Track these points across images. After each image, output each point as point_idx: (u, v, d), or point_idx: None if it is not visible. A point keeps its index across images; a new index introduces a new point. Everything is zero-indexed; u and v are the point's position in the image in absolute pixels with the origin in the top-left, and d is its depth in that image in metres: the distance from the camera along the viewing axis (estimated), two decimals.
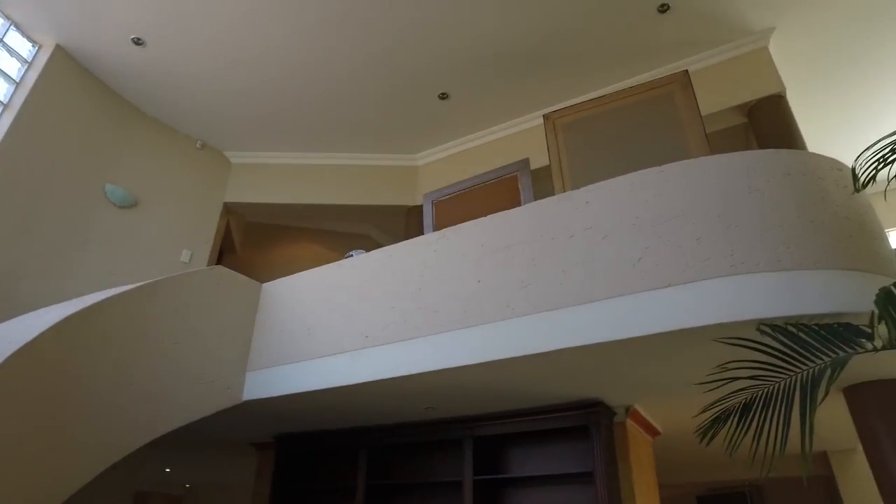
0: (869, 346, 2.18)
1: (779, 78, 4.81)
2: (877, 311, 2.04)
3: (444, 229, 3.63)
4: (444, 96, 5.66)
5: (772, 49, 4.97)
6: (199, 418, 3.60)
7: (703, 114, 3.96)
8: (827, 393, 2.06)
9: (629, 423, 4.11)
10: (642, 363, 3.11)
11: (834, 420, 4.61)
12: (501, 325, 3.06)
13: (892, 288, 2.06)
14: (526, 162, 4.33)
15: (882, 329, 2.08)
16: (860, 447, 5.51)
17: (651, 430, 4.58)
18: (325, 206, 6.52)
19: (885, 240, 2.89)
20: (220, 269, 4.25)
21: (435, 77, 5.40)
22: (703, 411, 2.42)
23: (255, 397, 3.92)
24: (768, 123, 4.74)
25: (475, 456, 4.17)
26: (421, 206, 5.59)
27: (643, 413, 4.24)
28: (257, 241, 7.61)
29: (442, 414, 4.25)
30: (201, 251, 5.94)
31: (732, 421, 2.40)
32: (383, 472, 4.74)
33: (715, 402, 2.39)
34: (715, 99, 4.90)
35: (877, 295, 2.07)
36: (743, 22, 4.87)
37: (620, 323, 2.72)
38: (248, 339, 4.17)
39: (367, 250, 4.24)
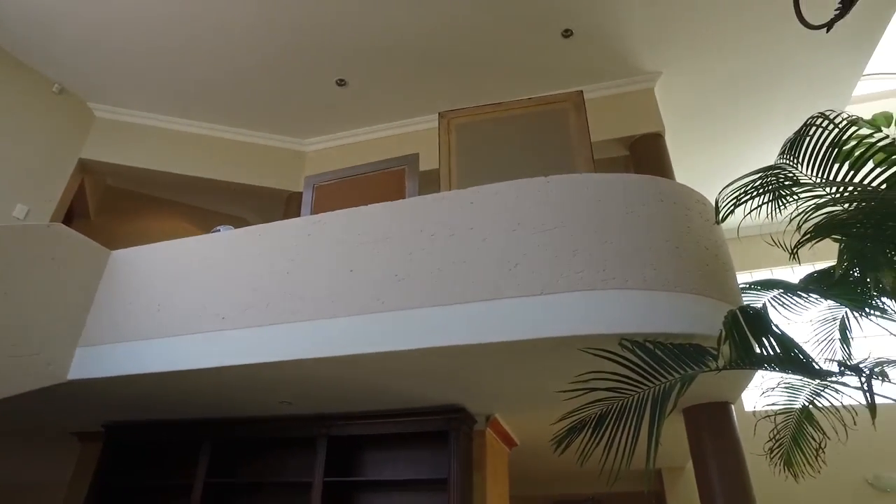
0: (714, 365, 2.31)
1: (660, 118, 5.15)
2: (724, 332, 2.16)
3: (322, 214, 3.43)
4: (341, 83, 5.45)
5: (657, 91, 5.32)
6: (3, 398, 3.07)
7: (580, 150, 4.13)
8: (673, 408, 2.14)
9: (488, 432, 4.12)
10: (509, 370, 3.10)
11: (672, 439, 4.95)
12: (370, 319, 2.92)
13: (738, 312, 2.20)
14: (415, 157, 4.26)
15: (726, 350, 2.21)
16: (689, 465, 6.00)
17: (508, 441, 4.64)
18: (199, 180, 5.98)
19: (733, 273, 3.13)
20: (59, 227, 3.71)
21: (335, 61, 5.17)
22: (560, 420, 2.43)
23: (84, 377, 3.43)
24: (646, 158, 5.06)
25: (329, 456, 3.96)
26: (301, 193, 5.30)
27: (503, 423, 4.28)
28: (117, 208, 6.83)
29: (297, 410, 4.00)
30: (42, 209, 5.19)
31: (587, 431, 2.43)
32: (227, 469, 4.36)
33: (572, 412, 2.41)
34: (602, 128, 5.14)
35: (725, 316, 2.20)
36: (635, 62, 5.17)
37: (493, 326, 2.69)
38: (85, 309, 3.66)
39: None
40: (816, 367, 2.33)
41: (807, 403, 3.45)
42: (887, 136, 2.41)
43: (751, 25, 4.72)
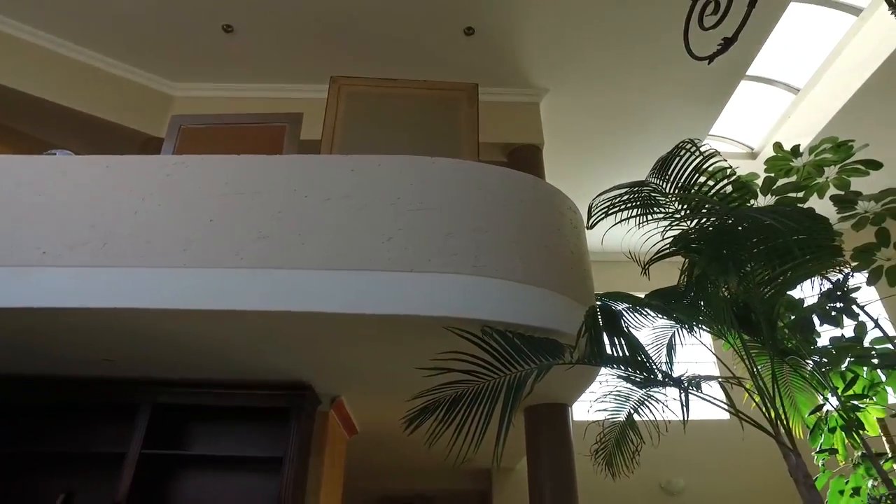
0: (568, 358, 2.41)
1: (541, 132, 5.40)
2: (584, 326, 2.26)
3: (187, 155, 3.09)
4: (228, 29, 5.00)
5: (542, 106, 5.57)
6: None
7: (468, 144, 4.19)
8: (530, 392, 2.19)
9: (332, 414, 3.97)
10: (366, 347, 3.01)
11: (508, 439, 5.17)
12: (226, 274, 2.67)
13: (598, 309, 2.32)
14: (299, 117, 4.02)
15: (582, 344, 2.32)
16: (517, 466, 6.31)
17: (350, 427, 4.52)
18: (42, 103, 5.13)
19: (592, 282, 3.33)
20: None
21: (225, 1, 4.74)
22: (416, 398, 2.38)
23: None
24: (523, 167, 5.22)
25: (151, 427, 3.53)
26: (163, 140, 4.76)
27: (347, 407, 4.16)
28: None
29: (120, 371, 3.55)
30: None
31: (440, 413, 2.41)
32: (24, 437, 3.72)
33: (428, 390, 2.38)
34: (485, 130, 5.24)
35: (587, 311, 2.31)
36: (527, 74, 5.37)
37: (358, 297, 2.59)
38: None
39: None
40: (656, 369, 2.53)
41: (632, 411, 3.76)
42: (735, 172, 2.71)
43: (634, 62, 5.13)
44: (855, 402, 3.40)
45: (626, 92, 5.42)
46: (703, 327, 3.25)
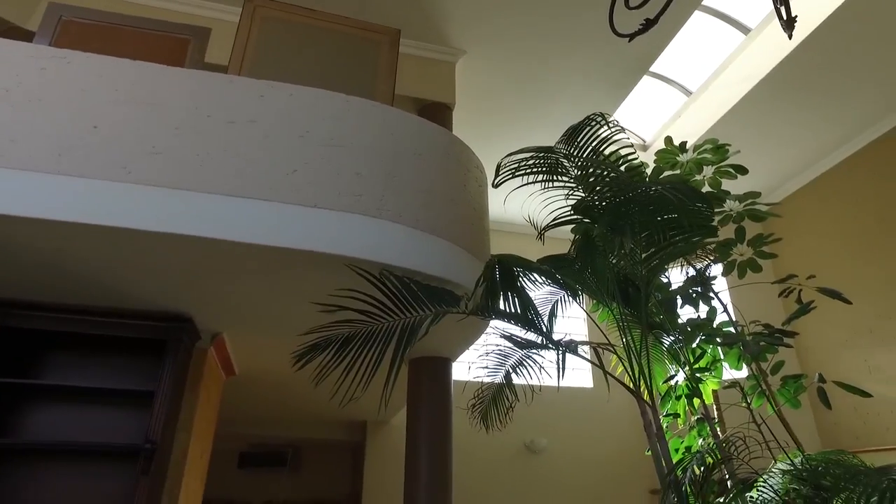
0: (463, 307, 2.48)
1: (453, 92, 5.40)
2: (482, 276, 2.33)
3: (70, 50, 2.74)
4: None
5: (457, 66, 5.57)
6: None
7: (384, 90, 4.10)
8: (425, 333, 2.23)
9: (211, 352, 3.81)
10: (258, 281, 2.89)
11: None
12: (109, 187, 2.43)
13: (498, 261, 2.41)
14: (206, 32, 3.70)
15: (478, 294, 2.39)
16: (393, 420, 6.46)
17: (228, 368, 4.37)
18: None
19: (489, 240, 3.43)
20: None
21: None
22: (308, 333, 2.34)
23: None
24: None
25: None
26: (30, 35, 4.15)
27: (228, 346, 4.00)
28: None
29: None
30: None
31: (331, 351, 2.39)
32: None
33: (321, 327, 2.34)
34: (399, 82, 5.17)
35: (486, 263, 2.38)
36: (446, 33, 5.33)
37: (256, 226, 2.48)
38: None
39: None
40: (544, 327, 2.67)
41: (510, 370, 3.97)
42: (636, 152, 2.89)
43: (553, 35, 5.25)
44: (699, 375, 3.81)
45: (541, 64, 5.55)
46: (587, 294, 3.48)
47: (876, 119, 6.33)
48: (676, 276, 3.98)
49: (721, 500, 3.10)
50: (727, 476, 2.95)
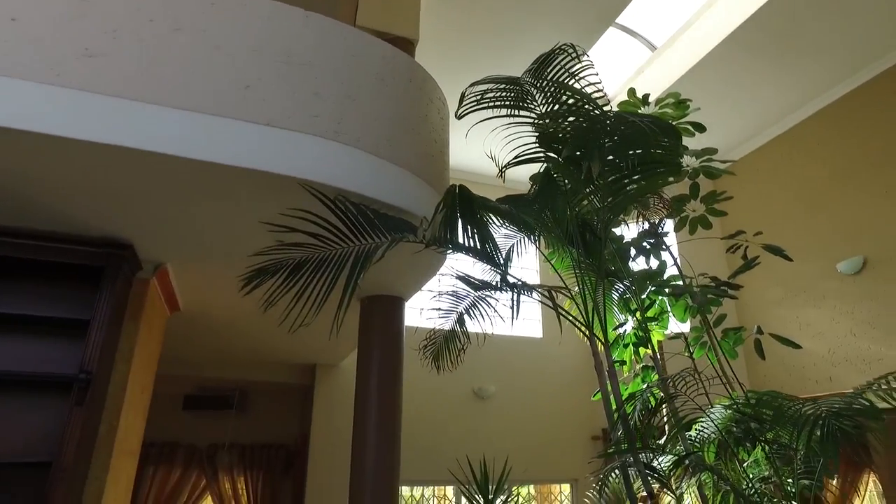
0: (421, 237, 2.41)
1: (417, 28, 5.18)
2: (442, 203, 2.26)
3: None
4: None
5: (423, 4, 5.34)
6: None
7: (344, 19, 3.90)
8: (381, 258, 2.16)
9: (154, 283, 3.63)
10: (203, 205, 2.72)
11: (341, 335, 5.18)
12: (33, 89, 2.19)
13: (459, 189, 2.34)
14: None
15: (437, 222, 2.33)
16: (343, 363, 6.43)
17: (172, 303, 4.19)
18: None
19: (448, 174, 3.35)
20: None
21: None
22: (258, 254, 2.23)
23: None
24: None
25: None
26: None
27: (172, 278, 3.82)
28: None
29: None
30: None
31: (281, 275, 2.29)
32: None
33: (271, 248, 2.23)
34: (362, 12, 4.93)
35: (447, 190, 2.31)
36: None
37: (203, 143, 2.31)
38: None
39: None
40: (501, 262, 2.64)
41: (463, 311, 3.96)
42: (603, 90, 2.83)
43: None
44: (646, 325, 3.90)
45: (507, 6, 5.40)
46: (545, 237, 3.47)
47: (830, 85, 6.49)
48: (630, 233, 4.05)
49: (662, 441, 3.23)
50: (670, 416, 3.05)
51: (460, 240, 2.50)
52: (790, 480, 2.74)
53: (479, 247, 2.54)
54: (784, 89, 6.59)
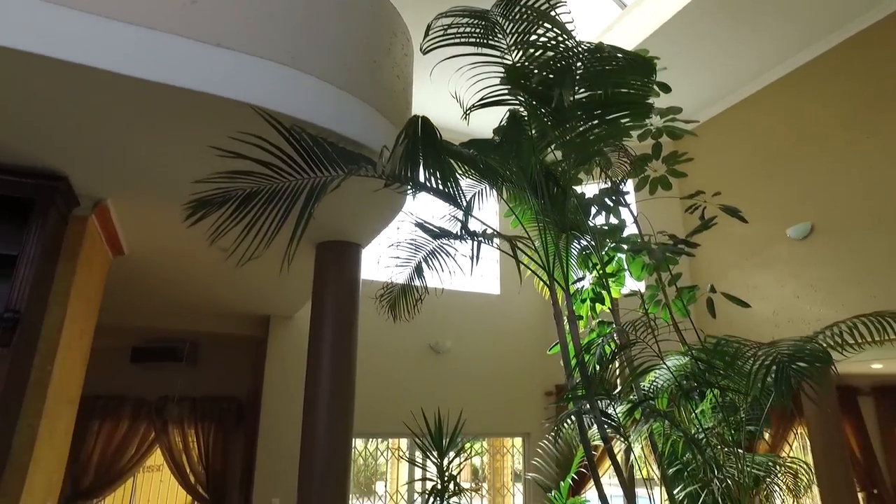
0: (378, 173, 2.29)
1: None
2: (403, 133, 2.14)
3: None
4: None
5: None
6: None
7: None
8: (336, 187, 2.03)
9: (93, 221, 3.39)
10: (144, 131, 2.51)
11: (289, 286, 5.04)
12: None
13: (422, 121, 2.21)
14: None
15: (398, 154, 2.21)
16: (297, 314, 6.30)
17: (115, 245, 3.94)
18: None
19: (410, 114, 3.19)
20: None
21: None
22: (204, 181, 2.07)
23: None
24: None
25: None
26: None
27: (114, 218, 3.58)
28: None
29: None
30: None
31: (230, 207, 2.14)
32: None
33: (220, 175, 2.07)
34: None
35: (409, 120, 2.18)
36: None
37: (146, 60, 2.10)
38: None
39: None
40: (461, 202, 2.55)
41: (422, 261, 3.88)
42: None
43: None
44: (605, 281, 3.92)
45: None
46: (508, 187, 3.39)
47: (792, 52, 6.54)
48: (592, 191, 4.02)
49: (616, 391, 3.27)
50: (625, 364, 3.07)
51: (422, 178, 2.40)
52: (733, 432, 2.82)
53: (440, 187, 2.44)
54: (747, 54, 6.61)
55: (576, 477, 4.77)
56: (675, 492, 3.10)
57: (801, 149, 6.46)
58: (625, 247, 3.91)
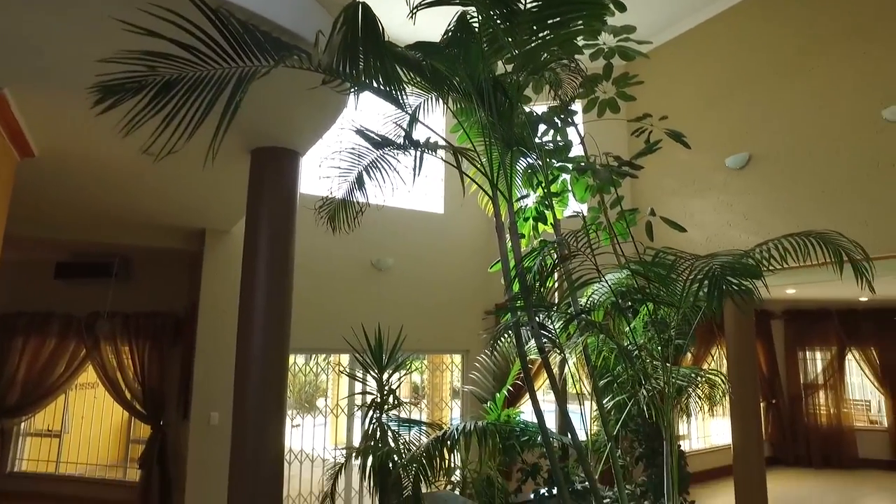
0: (314, 65, 2.11)
1: None
2: (341, 19, 1.95)
3: None
4: None
5: None
6: None
7: None
8: (266, 73, 1.86)
9: None
10: (45, 9, 2.20)
11: (224, 197, 4.80)
12: None
13: (363, 7, 2.02)
14: None
15: (335, 43, 2.03)
16: (234, 229, 6.08)
17: (20, 144, 3.56)
18: None
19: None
20: None
21: None
22: (114, 61, 1.82)
23: None
24: None
25: None
26: None
27: (15, 110, 3.20)
28: None
29: None
30: None
31: (146, 95, 1.92)
32: None
33: (129, 53, 1.83)
34: None
35: (347, 6, 1.99)
36: None
37: None
38: None
39: None
40: (405, 106, 2.40)
41: (363, 171, 3.73)
42: None
43: None
44: (551, 200, 3.90)
45: None
46: (454, 97, 3.25)
47: None
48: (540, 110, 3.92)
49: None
50: (563, 277, 3.11)
51: (363, 67, 2.22)
52: (658, 348, 2.94)
53: (383, 87, 2.28)
54: None
55: (511, 389, 4.96)
56: (604, 401, 3.26)
57: (745, 82, 6.54)
58: (570, 167, 3.89)
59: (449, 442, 3.37)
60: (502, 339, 4.26)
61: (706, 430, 9.49)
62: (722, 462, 8.82)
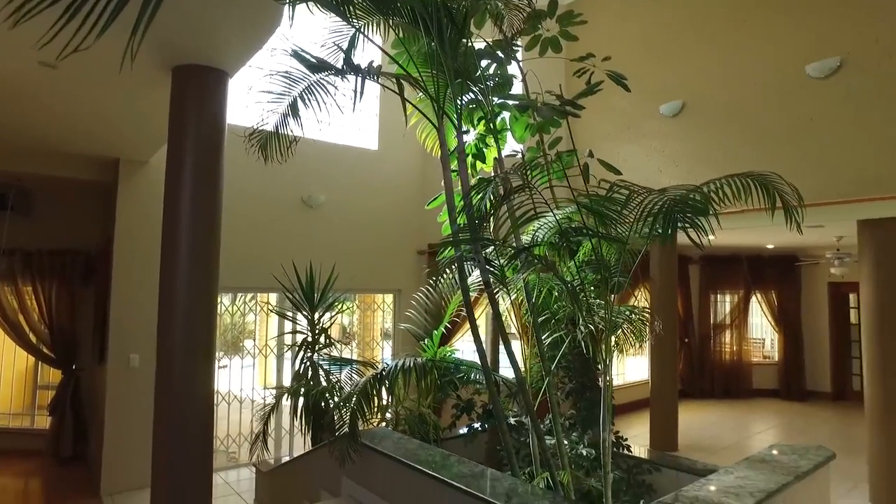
0: None
1: None
2: None
3: None
4: None
5: None
6: None
7: None
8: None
9: None
10: None
11: (142, 124, 4.38)
12: None
13: None
14: None
15: None
16: (152, 160, 5.61)
17: None
18: None
19: None
20: None
21: None
22: None
23: None
24: None
25: None
26: None
27: None
28: None
29: None
30: None
31: None
32: None
33: None
34: None
35: None
36: None
37: None
38: None
39: None
40: (347, 13, 2.19)
41: (298, 97, 3.46)
42: None
43: None
44: (496, 136, 3.79)
45: None
46: (399, 23, 3.04)
47: None
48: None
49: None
50: (508, 213, 3.06)
51: None
52: (599, 286, 2.98)
53: None
54: None
55: (449, 326, 4.97)
56: (542, 337, 3.30)
57: (684, 31, 6.60)
58: (511, 103, 3.80)
59: (388, 381, 3.33)
60: (443, 275, 4.22)
61: (623, 368, 10.06)
62: (636, 397, 9.42)
